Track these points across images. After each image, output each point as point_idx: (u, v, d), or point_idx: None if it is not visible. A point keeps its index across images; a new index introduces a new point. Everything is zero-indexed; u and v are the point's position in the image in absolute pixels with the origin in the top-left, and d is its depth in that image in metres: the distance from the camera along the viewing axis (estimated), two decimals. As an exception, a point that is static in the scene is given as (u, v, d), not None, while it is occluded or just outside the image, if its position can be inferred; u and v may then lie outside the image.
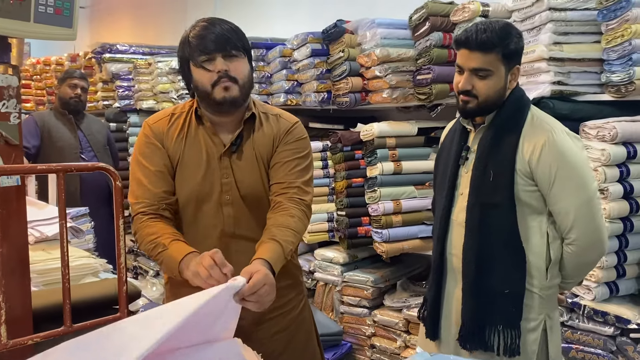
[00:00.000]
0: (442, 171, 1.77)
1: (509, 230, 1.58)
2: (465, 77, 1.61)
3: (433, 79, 2.64)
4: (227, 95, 1.45)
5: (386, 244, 2.79)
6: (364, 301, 2.93)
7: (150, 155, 1.50)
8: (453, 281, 1.71)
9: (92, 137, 3.52)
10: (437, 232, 1.73)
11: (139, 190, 1.48)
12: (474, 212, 1.61)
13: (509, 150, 1.59)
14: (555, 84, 2.28)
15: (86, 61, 4.68)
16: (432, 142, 2.91)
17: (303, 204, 1.49)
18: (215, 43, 1.43)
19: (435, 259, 1.73)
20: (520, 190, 1.58)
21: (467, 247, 1.63)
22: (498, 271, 1.60)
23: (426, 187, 2.87)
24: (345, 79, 2.98)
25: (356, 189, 2.96)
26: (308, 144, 1.59)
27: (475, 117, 1.68)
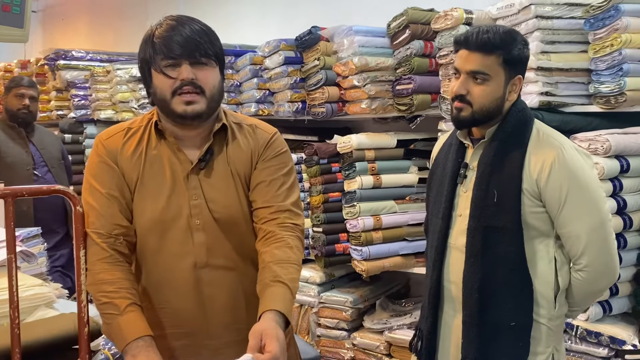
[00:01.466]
0: (437, 190, 1.62)
1: (515, 256, 1.45)
2: (461, 80, 1.47)
3: (414, 89, 2.53)
4: (188, 109, 1.25)
5: (366, 262, 2.65)
6: (342, 323, 2.77)
7: (102, 176, 1.30)
8: (451, 311, 1.56)
9: (45, 151, 3.23)
10: (432, 257, 1.58)
11: (91, 216, 1.28)
12: (475, 236, 1.48)
13: (514, 168, 1.45)
14: (543, 95, 2.21)
15: (38, 68, 4.38)
16: (412, 155, 2.79)
17: (298, 230, 1.32)
18: (182, 47, 1.24)
19: (432, 286, 1.58)
20: (527, 212, 1.45)
21: (468, 274, 1.49)
22: (503, 301, 1.47)
23: (407, 201, 2.75)
24: (321, 88, 2.83)
25: (333, 204, 2.80)
26: (290, 157, 1.42)
27: (468, 127, 1.54)
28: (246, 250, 1.35)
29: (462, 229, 1.52)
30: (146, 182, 1.31)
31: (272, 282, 1.20)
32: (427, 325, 1.61)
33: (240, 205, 1.34)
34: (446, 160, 1.62)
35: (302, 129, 3.20)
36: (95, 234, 1.26)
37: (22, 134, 3.20)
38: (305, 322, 2.91)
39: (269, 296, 1.18)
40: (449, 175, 1.58)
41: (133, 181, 1.31)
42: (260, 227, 1.32)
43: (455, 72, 1.51)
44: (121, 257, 1.28)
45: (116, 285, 1.23)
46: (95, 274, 1.25)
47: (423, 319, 1.65)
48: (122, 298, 1.22)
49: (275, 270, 1.22)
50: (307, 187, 2.95)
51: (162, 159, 1.32)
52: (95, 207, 1.28)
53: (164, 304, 1.32)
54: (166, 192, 1.30)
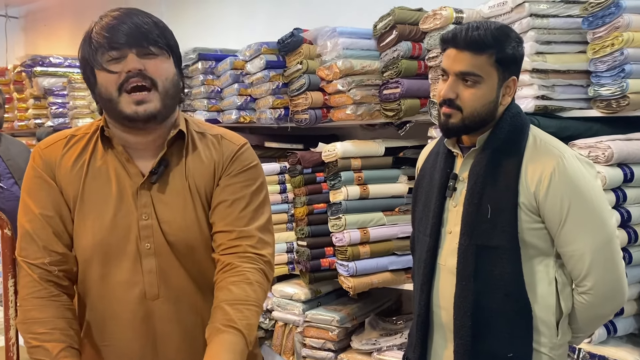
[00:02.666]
0: (424, 204, 1.47)
1: (512, 278, 1.31)
2: (449, 82, 1.33)
3: (402, 94, 2.37)
4: (139, 110, 1.09)
5: (353, 279, 2.48)
6: (328, 343, 2.60)
7: (37, 193, 1.13)
8: (442, 339, 1.41)
9: (11, 162, 3.05)
10: (420, 279, 1.43)
11: (22, 241, 1.11)
12: (467, 256, 1.33)
13: (509, 180, 1.31)
14: (539, 99, 2.05)
15: (16, 75, 4.22)
16: (401, 163, 2.63)
17: (261, 261, 1.14)
18: (126, 35, 1.07)
19: (420, 312, 1.42)
20: (525, 229, 1.31)
21: (460, 299, 1.33)
22: (498, 329, 1.32)
23: (396, 213, 2.59)
24: (304, 93, 2.68)
25: (318, 216, 2.64)
26: (260, 172, 1.25)
27: (458, 135, 1.39)
28: (206, 279, 1.17)
29: (452, 248, 1.37)
30: (87, 198, 1.13)
31: (224, 327, 1.03)
32: (415, 356, 1.45)
33: (199, 227, 1.17)
34: (433, 170, 1.47)
35: (287, 137, 3.05)
36: (26, 264, 1.09)
37: None
38: (290, 342, 2.74)
39: (217, 345, 1.01)
40: (437, 187, 1.43)
41: (72, 198, 1.13)
42: (217, 257, 1.14)
43: (442, 73, 1.36)
44: (57, 289, 1.10)
45: (49, 325, 1.06)
46: (25, 311, 1.07)
47: (411, 348, 1.49)
48: (55, 341, 1.06)
49: (229, 313, 1.05)
50: (291, 197, 2.80)
51: (108, 171, 1.14)
52: (27, 230, 1.10)
53: (108, 341, 1.15)
54: (111, 211, 1.12)
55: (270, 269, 1.17)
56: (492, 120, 1.36)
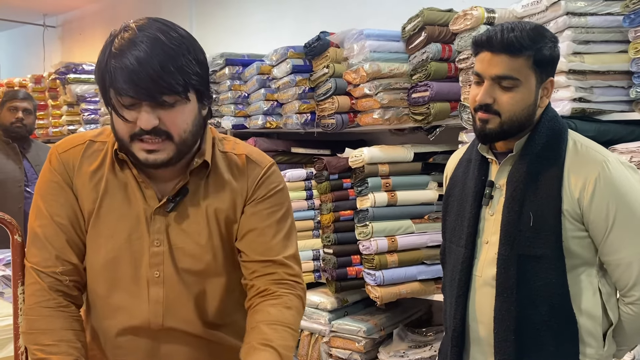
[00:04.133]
0: (457, 213, 1.41)
1: (557, 288, 1.25)
2: (485, 87, 1.27)
3: (431, 97, 2.29)
4: (150, 158, 1.00)
5: (380, 288, 2.40)
6: (355, 354, 2.52)
7: (52, 198, 1.07)
8: (480, 355, 1.34)
9: (39, 168, 3.09)
10: (455, 292, 1.36)
11: (33, 246, 1.06)
12: (508, 267, 1.26)
13: (551, 187, 1.25)
14: (576, 101, 1.95)
15: (51, 82, 4.31)
16: (431, 169, 2.55)
17: (299, 288, 1.11)
18: (137, 86, 0.94)
19: (455, 327, 1.35)
20: (569, 237, 1.25)
21: (501, 312, 1.27)
22: (543, 343, 1.25)
23: (425, 220, 2.50)
24: (331, 98, 2.62)
25: (345, 223, 2.58)
26: (286, 195, 1.17)
27: (495, 141, 1.32)
28: (217, 315, 1.10)
29: (490, 259, 1.31)
30: (103, 215, 1.07)
31: (260, 346, 0.97)
32: None
33: (212, 254, 1.09)
34: (465, 178, 1.41)
35: (314, 142, 3.00)
36: (36, 271, 1.05)
37: (16, 150, 3.08)
38: (316, 352, 2.68)
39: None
40: (471, 195, 1.37)
41: (88, 211, 1.08)
42: (252, 283, 1.09)
43: (477, 78, 1.30)
44: (66, 300, 1.06)
45: (56, 337, 1.02)
46: (31, 321, 1.04)
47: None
48: (61, 354, 1.01)
49: (266, 333, 1.00)
50: (317, 204, 2.75)
51: (127, 190, 1.08)
52: (39, 235, 1.06)
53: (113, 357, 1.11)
54: (125, 232, 1.07)
55: (305, 296, 1.12)
56: (530, 124, 1.30)
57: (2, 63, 6.61)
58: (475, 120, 1.30)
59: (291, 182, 2.79)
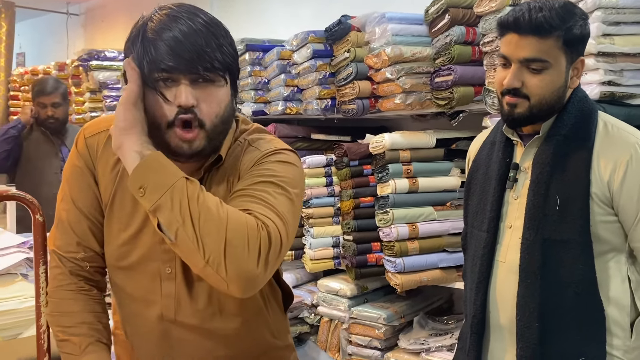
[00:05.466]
0: (480, 197, 1.38)
1: (583, 274, 1.22)
2: (512, 71, 1.23)
3: (454, 81, 2.24)
4: (185, 146, 0.97)
5: (401, 275, 2.38)
6: (375, 341, 2.51)
7: (76, 183, 1.07)
8: (500, 343, 1.31)
9: None
10: (475, 277, 1.33)
11: (56, 230, 1.06)
12: (533, 252, 1.23)
13: (579, 169, 1.23)
14: (605, 85, 1.88)
15: (74, 69, 4.35)
16: (453, 155, 2.50)
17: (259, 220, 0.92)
18: (181, 59, 0.92)
19: (475, 313, 1.33)
20: (597, 222, 1.21)
21: (524, 299, 1.25)
22: (568, 331, 1.23)
23: (447, 207, 2.46)
24: (352, 83, 2.59)
25: (365, 210, 2.55)
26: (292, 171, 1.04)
27: (524, 125, 1.29)
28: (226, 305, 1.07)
29: (513, 244, 1.29)
30: (116, 207, 1.06)
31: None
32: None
33: None
34: (489, 161, 1.38)
35: (335, 128, 2.97)
36: (58, 255, 1.05)
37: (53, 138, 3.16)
38: (336, 339, 2.68)
39: None
40: (495, 178, 1.33)
41: (105, 201, 1.06)
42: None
43: (503, 61, 1.26)
44: (87, 284, 1.07)
45: (77, 319, 1.04)
46: (54, 303, 1.05)
47: (462, 351, 1.40)
48: (82, 335, 1.03)
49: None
50: (337, 191, 2.73)
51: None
52: (63, 219, 1.06)
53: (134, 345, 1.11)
54: (136, 226, 1.04)
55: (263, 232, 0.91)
56: (560, 106, 1.27)
57: (26, 51, 6.71)
58: (502, 104, 1.27)
59: (311, 168, 2.77)
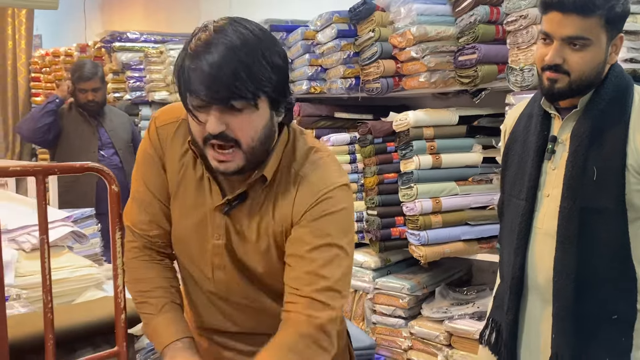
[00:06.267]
0: (518, 167, 1.45)
1: (617, 241, 1.30)
2: (555, 48, 1.28)
3: (479, 60, 2.31)
4: (221, 167, 1.02)
5: (424, 247, 2.48)
6: (399, 310, 2.63)
7: (148, 167, 1.15)
8: (538, 302, 1.41)
9: (113, 133, 3.28)
10: (514, 243, 1.42)
11: (131, 207, 1.17)
12: (571, 219, 1.31)
13: (616, 142, 1.28)
14: (627, 62, 1.95)
15: (96, 51, 4.43)
16: (475, 132, 2.58)
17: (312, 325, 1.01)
18: (208, 89, 0.94)
19: (514, 275, 1.42)
20: (632, 191, 1.28)
21: (562, 262, 1.32)
22: (602, 292, 1.31)
23: (469, 182, 2.55)
24: (376, 62, 2.66)
25: (389, 186, 2.65)
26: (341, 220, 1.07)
27: (562, 100, 1.35)
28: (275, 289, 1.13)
29: (551, 211, 1.36)
30: (179, 197, 1.13)
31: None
32: (508, 318, 1.45)
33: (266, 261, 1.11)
34: (527, 133, 1.44)
35: (357, 107, 3.05)
36: (132, 230, 1.16)
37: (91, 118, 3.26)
38: (360, 309, 2.79)
39: None
40: (533, 150, 1.40)
41: (171, 186, 1.14)
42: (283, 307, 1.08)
43: (544, 37, 1.32)
44: (159, 255, 1.18)
45: (152, 284, 1.15)
46: (130, 271, 1.17)
47: (499, 310, 1.50)
48: (158, 297, 1.13)
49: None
50: (361, 167, 2.81)
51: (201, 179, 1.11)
52: (137, 198, 1.17)
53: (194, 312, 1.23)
54: (195, 218, 1.11)
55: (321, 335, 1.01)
56: (598, 81, 1.33)
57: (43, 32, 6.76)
58: (542, 79, 1.33)
59: (335, 146, 2.86)
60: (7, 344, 1.15)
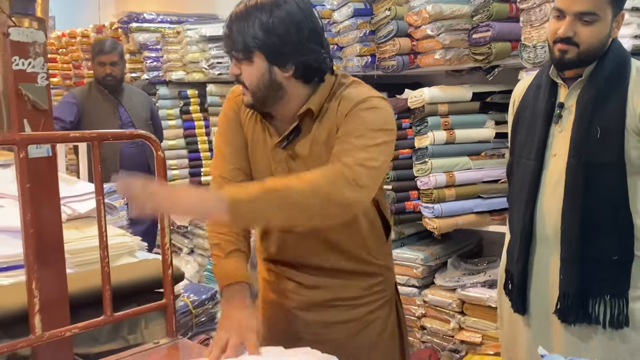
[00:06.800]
0: (527, 131, 1.61)
1: (617, 192, 1.48)
2: (567, 22, 1.44)
3: (493, 37, 2.38)
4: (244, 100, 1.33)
5: (438, 220, 2.58)
6: (412, 280, 2.74)
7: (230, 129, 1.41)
8: (546, 250, 1.57)
9: (133, 112, 3.37)
10: (524, 197, 1.58)
11: (218, 161, 1.41)
12: (576, 174, 1.48)
13: (616, 106, 1.46)
14: (637, 38, 2.03)
15: (112, 32, 4.50)
16: (488, 108, 2.66)
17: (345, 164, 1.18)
18: (224, 45, 1.33)
19: (524, 226, 1.58)
20: (631, 148, 1.46)
21: (568, 212, 1.50)
22: (604, 237, 1.49)
23: (482, 157, 2.64)
24: (392, 40, 2.73)
25: (403, 161, 2.74)
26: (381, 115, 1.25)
27: (571, 69, 1.51)
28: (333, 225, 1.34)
29: (558, 169, 1.53)
30: (254, 144, 1.40)
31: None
32: (518, 267, 1.62)
33: None
34: (536, 101, 1.61)
35: (373, 85, 3.11)
36: (220, 177, 1.39)
37: (111, 97, 3.34)
38: (375, 279, 2.90)
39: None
40: (542, 115, 1.57)
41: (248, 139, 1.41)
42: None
43: (557, 13, 1.47)
44: None
45: (228, 227, 1.33)
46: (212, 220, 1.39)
47: (512, 261, 1.66)
48: (229, 242, 1.32)
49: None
50: (377, 143, 2.89)
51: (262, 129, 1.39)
52: (224, 153, 1.40)
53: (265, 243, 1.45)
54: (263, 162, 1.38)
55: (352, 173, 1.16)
56: (602, 53, 1.49)
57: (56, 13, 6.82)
58: (553, 50, 1.48)
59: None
60: (67, 300, 1.28)
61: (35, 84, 1.19)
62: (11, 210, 2.16)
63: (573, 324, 1.52)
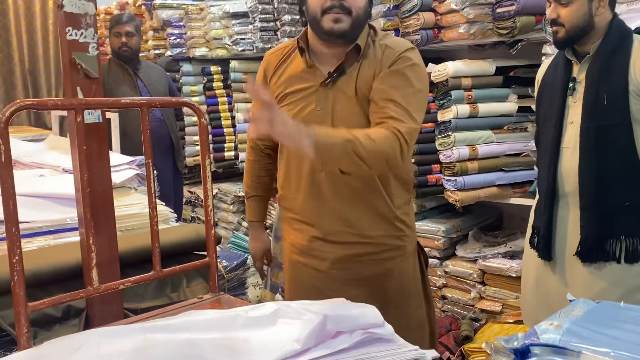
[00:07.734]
0: (549, 103, 1.83)
1: (626, 148, 1.68)
2: (551, 7, 1.72)
3: (517, 11, 2.40)
4: (335, 27, 1.40)
5: (461, 192, 2.63)
6: (434, 251, 2.80)
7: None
8: (566, 204, 1.80)
9: (152, 87, 3.43)
10: (547, 160, 1.81)
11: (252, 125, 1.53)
12: (589, 135, 1.70)
13: (620, 74, 1.66)
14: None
15: (136, 9, 4.56)
16: (511, 82, 2.69)
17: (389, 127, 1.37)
18: None
19: (548, 184, 1.81)
20: (634, 110, 1.66)
21: (586, 169, 1.71)
22: (617, 187, 1.70)
23: (504, 131, 2.68)
24: (416, 14, 2.76)
25: (426, 135, 2.77)
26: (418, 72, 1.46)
27: (567, 46, 1.76)
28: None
29: (574, 133, 1.75)
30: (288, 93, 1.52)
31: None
32: (543, 221, 1.83)
33: (359, 122, 1.45)
34: (554, 78, 1.84)
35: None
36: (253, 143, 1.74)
37: (129, 71, 3.40)
38: (397, 251, 2.97)
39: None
40: (559, 89, 1.80)
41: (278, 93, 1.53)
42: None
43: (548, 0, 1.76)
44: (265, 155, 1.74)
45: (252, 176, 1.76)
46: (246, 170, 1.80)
47: (539, 216, 1.87)
48: (249, 187, 1.78)
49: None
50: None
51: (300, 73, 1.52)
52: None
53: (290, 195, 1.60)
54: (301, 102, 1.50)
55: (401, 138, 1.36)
56: (592, 29, 1.70)
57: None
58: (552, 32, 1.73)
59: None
60: (118, 257, 1.36)
61: (87, 53, 1.26)
62: (51, 178, 2.26)
63: (593, 262, 1.72)
